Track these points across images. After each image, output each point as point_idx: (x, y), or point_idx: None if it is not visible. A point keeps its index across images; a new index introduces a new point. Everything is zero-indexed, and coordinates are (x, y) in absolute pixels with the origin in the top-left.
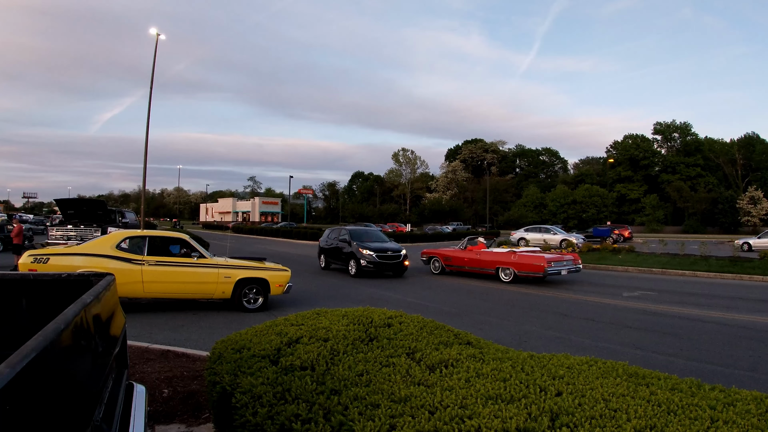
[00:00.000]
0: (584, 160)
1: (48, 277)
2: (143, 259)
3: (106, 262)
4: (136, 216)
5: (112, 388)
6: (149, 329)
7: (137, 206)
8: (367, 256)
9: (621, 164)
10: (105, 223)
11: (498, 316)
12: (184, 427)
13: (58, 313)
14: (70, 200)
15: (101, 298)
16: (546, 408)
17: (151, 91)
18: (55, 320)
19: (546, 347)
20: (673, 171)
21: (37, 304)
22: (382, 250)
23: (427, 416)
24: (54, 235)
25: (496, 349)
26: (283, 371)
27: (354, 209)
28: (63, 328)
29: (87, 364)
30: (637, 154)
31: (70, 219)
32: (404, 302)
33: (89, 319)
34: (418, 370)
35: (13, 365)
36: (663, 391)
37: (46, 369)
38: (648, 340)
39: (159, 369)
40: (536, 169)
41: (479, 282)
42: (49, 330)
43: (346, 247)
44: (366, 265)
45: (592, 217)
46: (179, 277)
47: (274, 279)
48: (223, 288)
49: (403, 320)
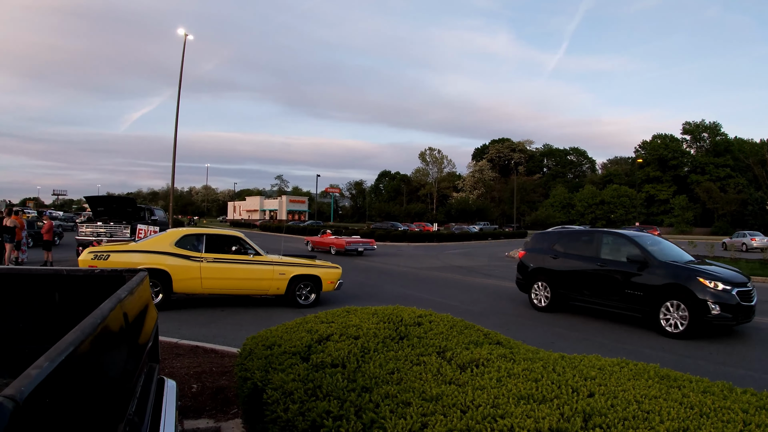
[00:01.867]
0: (612, 159)
1: (81, 273)
2: (201, 256)
3: (165, 259)
4: (164, 213)
5: (145, 383)
6: (178, 325)
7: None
8: (720, 294)
9: (650, 164)
10: (134, 220)
11: (527, 317)
12: (212, 422)
13: (89, 308)
14: (100, 197)
15: (135, 293)
16: (579, 409)
17: (179, 91)
18: (92, 315)
19: (573, 349)
20: (703, 171)
21: (70, 300)
22: (739, 283)
23: (459, 415)
24: (84, 232)
25: (526, 349)
26: (314, 368)
27: (381, 208)
28: (99, 322)
29: (121, 359)
30: (666, 154)
31: (100, 216)
32: (431, 301)
33: (124, 314)
34: (449, 369)
35: (52, 359)
36: (695, 393)
37: (83, 363)
38: (676, 344)
39: (188, 364)
40: (564, 169)
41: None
42: (86, 324)
43: (637, 272)
44: (717, 314)
45: (620, 217)
46: (236, 274)
47: (326, 276)
48: (277, 285)
49: (432, 319)
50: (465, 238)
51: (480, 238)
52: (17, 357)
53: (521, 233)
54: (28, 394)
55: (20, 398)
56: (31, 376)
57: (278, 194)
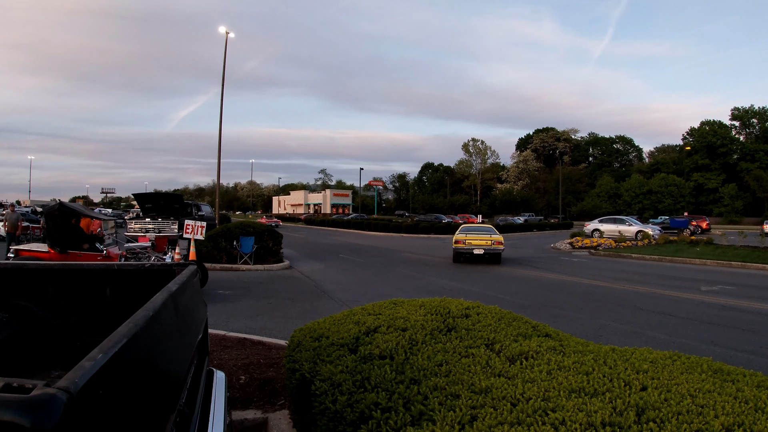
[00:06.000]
0: (660, 148)
1: (132, 267)
2: None
3: None
4: (211, 209)
5: (195, 374)
6: (226, 317)
7: (212, 199)
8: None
9: (698, 152)
10: (181, 216)
11: (572, 309)
12: (260, 413)
13: (140, 301)
14: (148, 194)
15: (185, 287)
16: (632, 402)
17: (222, 88)
18: (144, 308)
19: (622, 342)
20: (752, 159)
21: (121, 293)
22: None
23: (509, 408)
24: (133, 228)
25: (576, 341)
26: (362, 360)
27: (424, 200)
28: (151, 315)
29: (173, 351)
30: (714, 141)
31: (148, 213)
32: (473, 293)
33: (175, 307)
34: (497, 361)
35: (106, 351)
36: (749, 388)
37: (136, 354)
38: (727, 337)
39: (236, 356)
40: (610, 158)
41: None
42: (138, 317)
43: None
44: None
45: (668, 207)
46: None
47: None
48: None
49: (480, 311)
50: (510, 230)
51: (525, 230)
52: (71, 350)
53: (567, 224)
54: (82, 386)
55: (74, 390)
56: (85, 367)
57: (322, 188)
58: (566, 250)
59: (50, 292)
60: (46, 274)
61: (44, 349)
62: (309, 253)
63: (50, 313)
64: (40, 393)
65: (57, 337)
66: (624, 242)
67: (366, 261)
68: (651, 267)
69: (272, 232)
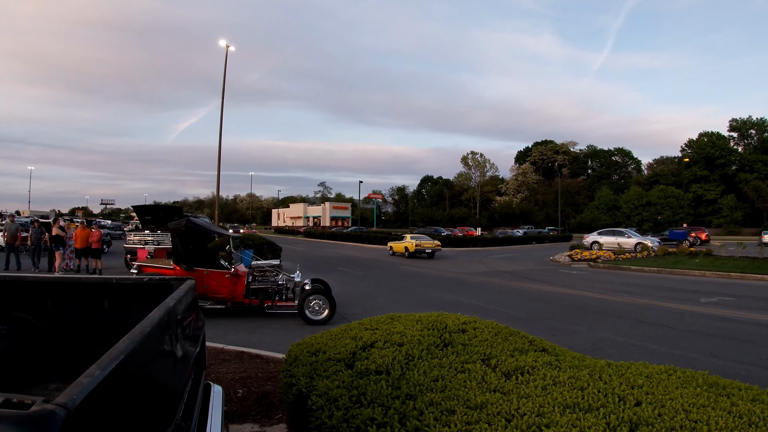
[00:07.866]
0: (658, 159)
1: (130, 281)
2: None
3: None
4: (210, 221)
5: (192, 388)
6: (224, 330)
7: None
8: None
9: (696, 163)
10: None
11: (571, 322)
12: (257, 427)
13: (138, 314)
14: (147, 207)
15: (183, 301)
16: (625, 418)
17: (222, 101)
18: (141, 323)
19: (621, 355)
20: (751, 170)
21: (119, 307)
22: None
23: (503, 423)
24: (132, 240)
25: (572, 356)
26: (359, 375)
27: (423, 213)
28: (149, 330)
29: (170, 365)
30: (713, 152)
31: (147, 225)
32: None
33: (172, 321)
34: (493, 376)
35: (103, 367)
36: (744, 402)
37: (134, 370)
38: (726, 348)
39: (234, 369)
40: (609, 170)
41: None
42: (135, 333)
43: None
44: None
45: (667, 219)
46: None
47: None
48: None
49: (477, 326)
50: (509, 243)
51: (524, 242)
52: (69, 362)
53: (566, 236)
54: (80, 401)
55: (72, 406)
56: (83, 384)
57: (321, 201)
58: (565, 263)
59: (49, 304)
60: (45, 286)
61: (42, 361)
62: (308, 265)
63: (49, 326)
64: (39, 409)
65: (55, 349)
66: (623, 254)
67: (365, 273)
68: (650, 279)
69: (271, 245)
